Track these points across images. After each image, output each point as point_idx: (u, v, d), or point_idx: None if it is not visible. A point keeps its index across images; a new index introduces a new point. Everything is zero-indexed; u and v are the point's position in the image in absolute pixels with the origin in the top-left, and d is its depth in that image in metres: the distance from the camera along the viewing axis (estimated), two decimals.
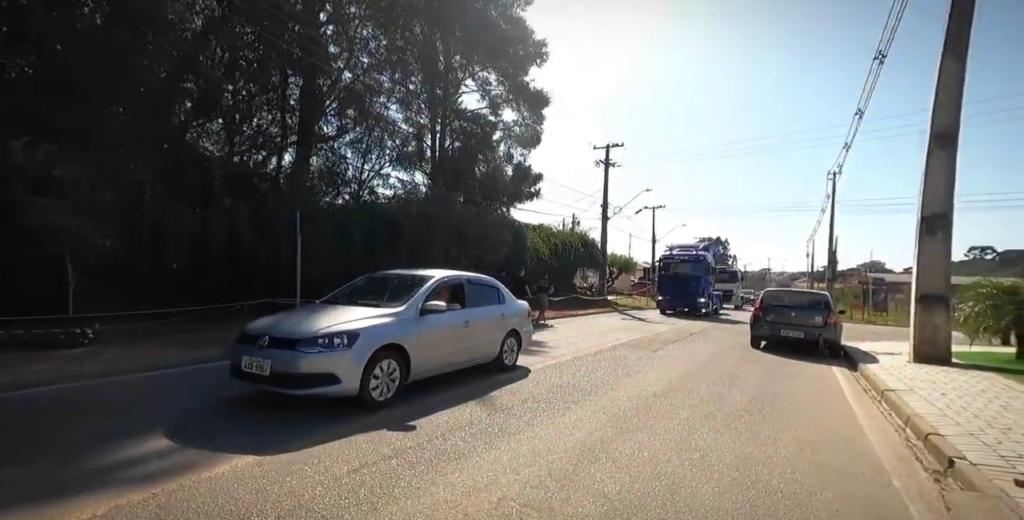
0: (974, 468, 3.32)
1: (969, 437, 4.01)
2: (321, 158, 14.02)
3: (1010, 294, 8.63)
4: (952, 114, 7.78)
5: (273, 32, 10.32)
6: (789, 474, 3.20)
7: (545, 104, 19.33)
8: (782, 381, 6.63)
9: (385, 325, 4.40)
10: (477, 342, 5.61)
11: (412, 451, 3.27)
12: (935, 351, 8.30)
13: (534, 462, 3.12)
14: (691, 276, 19.62)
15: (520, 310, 6.75)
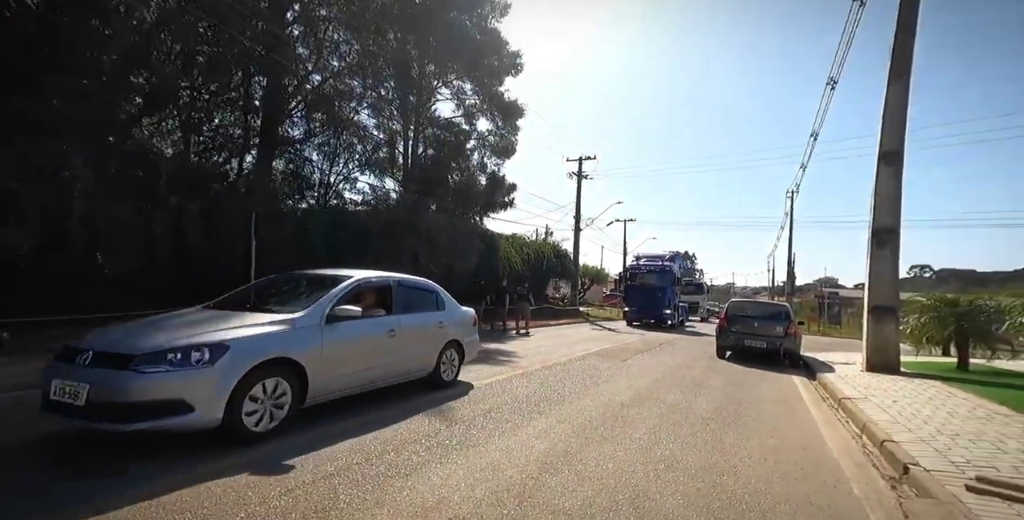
0: (928, 474, 3.38)
1: (921, 444, 4.13)
2: (285, 160, 13.51)
3: (951, 306, 9.17)
4: (897, 133, 8.29)
5: (234, 28, 9.91)
6: (753, 484, 3.15)
7: (519, 115, 19.44)
8: (746, 389, 6.73)
9: (270, 335, 3.48)
10: (407, 355, 4.82)
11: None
12: (886, 360, 8.68)
13: (492, 477, 2.93)
14: (657, 287, 19.33)
15: (464, 318, 5.95)
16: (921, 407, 5.65)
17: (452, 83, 18.46)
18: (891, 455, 3.88)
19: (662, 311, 18.95)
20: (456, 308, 5.87)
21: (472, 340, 6.08)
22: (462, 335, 5.77)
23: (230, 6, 9.46)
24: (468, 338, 5.95)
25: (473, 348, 6.14)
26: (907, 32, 8.10)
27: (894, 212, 8.53)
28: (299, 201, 13.32)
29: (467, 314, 6.10)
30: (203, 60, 10.65)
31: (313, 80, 13.47)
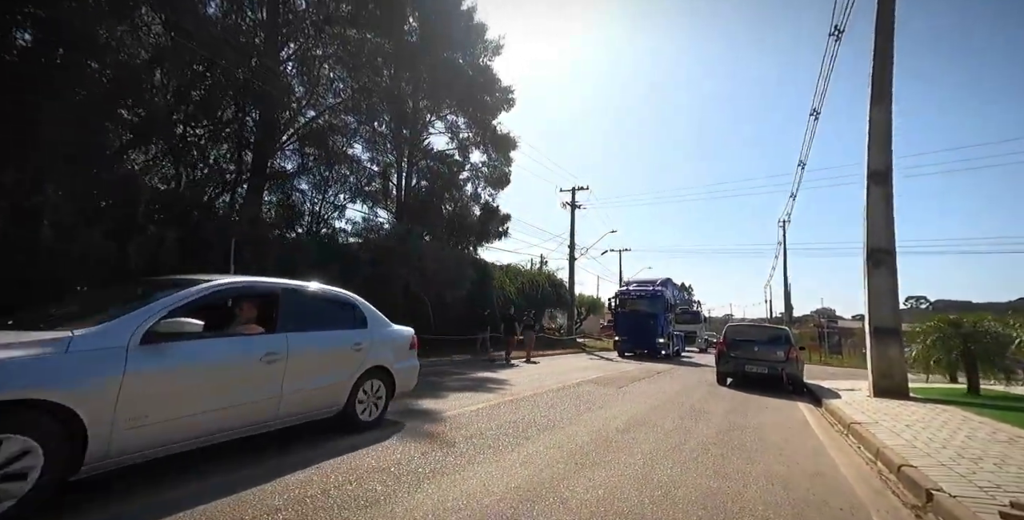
0: (954, 501, 3.06)
1: (942, 468, 3.80)
2: (275, 192, 13.57)
3: (955, 327, 8.93)
4: (883, 155, 8.41)
5: (229, 65, 10.24)
6: (761, 512, 2.80)
7: (513, 147, 19.88)
8: (749, 415, 6.34)
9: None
10: (298, 387, 3.53)
11: None
12: (893, 385, 8.33)
13: (465, 507, 2.57)
14: (649, 314, 18.09)
15: (394, 338, 4.72)
16: (936, 431, 5.30)
17: (446, 117, 19.01)
18: (910, 481, 3.55)
19: (655, 340, 17.71)
20: (383, 326, 4.66)
21: (407, 367, 4.83)
22: (391, 360, 4.54)
23: (226, 43, 9.82)
24: (401, 364, 4.70)
25: (408, 377, 4.85)
26: (884, 58, 8.43)
27: (887, 231, 8.49)
28: (287, 230, 13.23)
29: (399, 334, 4.86)
30: (196, 95, 10.91)
31: (307, 115, 13.81)
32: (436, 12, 16.34)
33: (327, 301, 4.29)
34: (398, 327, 4.97)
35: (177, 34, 9.40)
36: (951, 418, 6.20)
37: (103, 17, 8.27)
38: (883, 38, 8.37)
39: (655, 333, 17.75)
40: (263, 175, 12.47)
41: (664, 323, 18.22)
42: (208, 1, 11.35)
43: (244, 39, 11.46)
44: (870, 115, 8.46)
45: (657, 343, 17.71)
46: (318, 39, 13.25)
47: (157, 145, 10.52)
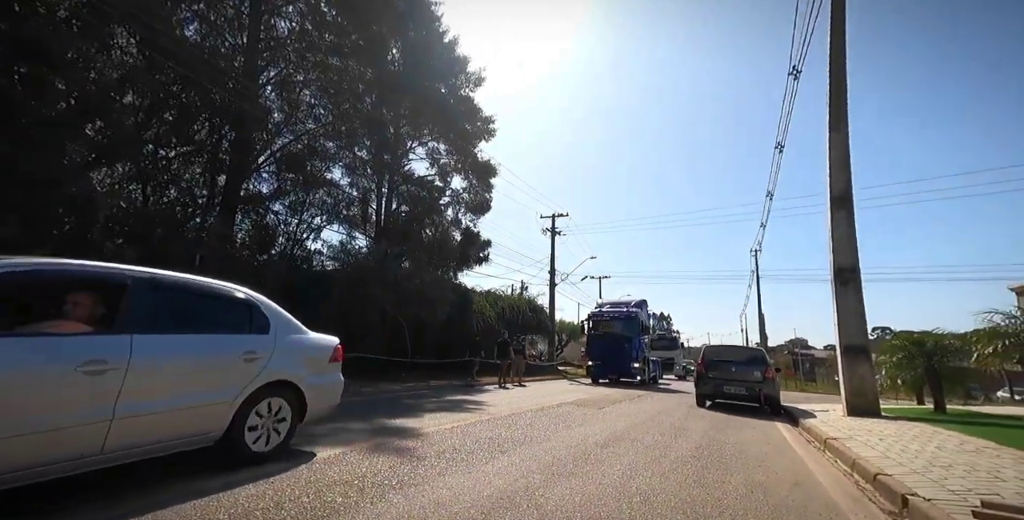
0: (929, 504, 3.08)
1: (915, 475, 3.84)
2: (249, 213, 13.33)
3: (919, 345, 9.26)
4: (844, 178, 8.95)
5: (204, 87, 10.25)
6: (741, 516, 2.73)
7: (493, 174, 20.26)
8: (728, 432, 6.30)
9: None
10: (142, 408, 2.65)
11: None
12: (865, 404, 8.49)
13: (432, 515, 2.42)
14: (622, 336, 16.97)
15: (307, 348, 3.85)
16: (908, 443, 5.40)
17: (427, 144, 19.34)
18: (886, 488, 3.57)
19: (629, 364, 16.46)
20: (292, 332, 3.77)
21: (325, 384, 3.91)
22: (302, 374, 3.65)
23: (203, 65, 9.88)
24: (316, 379, 3.78)
25: (325, 396, 3.92)
26: (839, 90, 9.14)
27: (851, 251, 8.89)
28: (260, 252, 12.91)
29: (315, 343, 3.97)
30: (169, 115, 10.85)
31: (285, 138, 13.83)
32: (419, 43, 16.97)
33: (208, 298, 3.35)
34: (316, 335, 4.06)
35: (152, 54, 9.42)
36: (921, 432, 6.32)
37: (73, 37, 8.25)
38: (837, 71, 9.11)
39: (629, 357, 16.56)
40: (237, 197, 12.28)
41: (639, 346, 17.08)
42: (186, 24, 11.49)
43: (223, 62, 11.57)
44: (829, 143, 9.07)
45: (632, 368, 16.49)
46: (300, 65, 13.49)
47: (124, 166, 10.28)
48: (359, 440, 4.32)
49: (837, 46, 9.16)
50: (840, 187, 8.94)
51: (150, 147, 10.87)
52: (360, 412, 6.31)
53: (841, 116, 8.99)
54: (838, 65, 9.13)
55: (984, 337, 7.30)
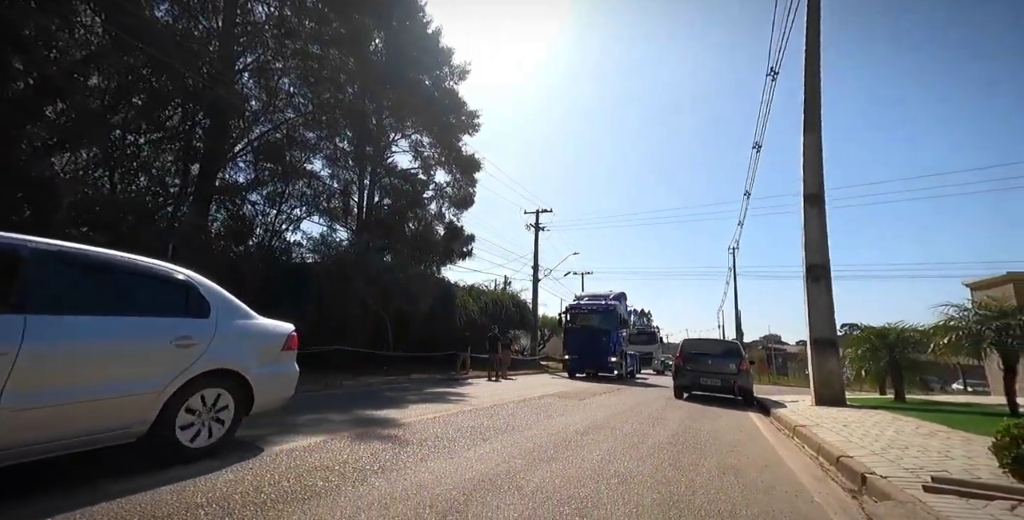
0: (885, 480, 3.27)
1: (875, 456, 4.06)
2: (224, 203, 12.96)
3: (881, 338, 9.72)
4: (816, 178, 9.26)
5: (176, 71, 9.86)
6: (713, 494, 2.86)
7: (477, 168, 20.16)
8: (704, 421, 6.51)
9: None
10: (40, 399, 2.37)
11: None
12: (832, 394, 8.86)
13: (415, 496, 2.46)
14: (600, 329, 16.57)
15: (255, 334, 3.54)
16: (870, 429, 5.70)
17: (411, 136, 19.07)
18: (848, 469, 3.77)
19: (606, 358, 16.09)
20: (237, 317, 3.47)
21: (275, 374, 3.60)
22: (248, 363, 3.37)
23: (175, 48, 9.50)
24: (264, 369, 3.49)
25: (276, 387, 3.62)
26: (814, 92, 9.44)
27: (822, 249, 9.24)
28: (236, 243, 12.58)
29: (264, 330, 3.65)
30: (138, 100, 10.42)
31: (263, 127, 13.45)
32: (402, 33, 16.69)
33: (133, 276, 3.00)
34: (267, 322, 3.73)
35: (119, 34, 9.00)
36: (882, 419, 6.67)
37: (30, 12, 7.83)
38: (812, 75, 9.42)
39: (607, 351, 16.18)
40: (212, 186, 11.91)
41: (617, 340, 16.78)
42: (157, 4, 11.02)
43: (196, 46, 11.16)
44: (803, 142, 9.37)
45: (609, 362, 16.13)
46: (278, 52, 13.10)
47: (89, 151, 9.84)
48: (340, 430, 4.31)
49: (812, 50, 9.46)
50: (813, 186, 9.27)
51: (118, 132, 10.44)
52: (341, 404, 6.28)
53: (815, 117, 9.30)
54: (813, 68, 9.43)
55: (941, 330, 7.73)
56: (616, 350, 16.36)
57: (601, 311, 17.26)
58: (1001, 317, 6.97)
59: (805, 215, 9.39)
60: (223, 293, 3.51)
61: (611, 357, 16.09)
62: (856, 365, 9.98)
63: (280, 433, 3.97)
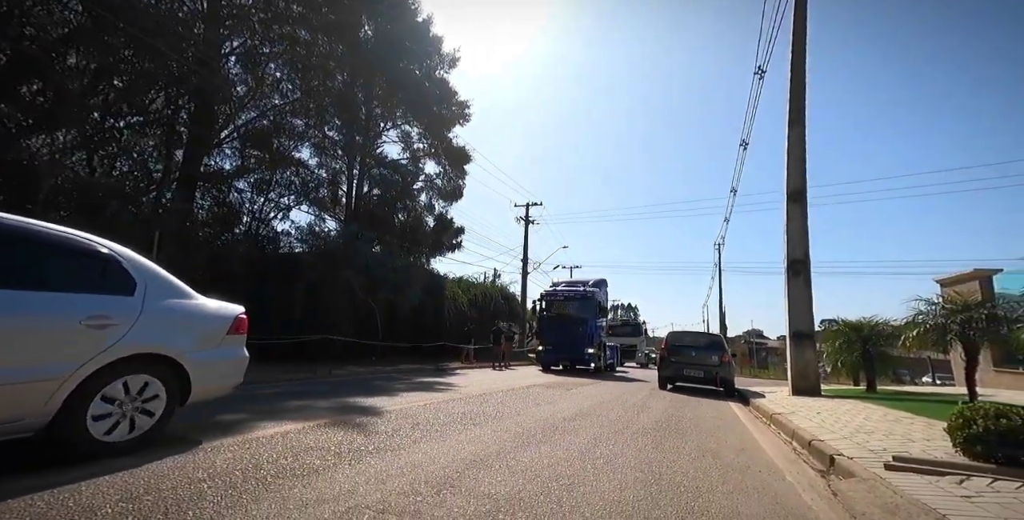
0: (851, 461, 3.49)
1: (843, 440, 4.30)
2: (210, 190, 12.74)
3: (856, 331, 10.13)
4: (800, 175, 9.51)
5: (159, 52, 9.58)
6: (692, 473, 3.04)
7: (467, 160, 20.08)
8: (686, 410, 6.75)
9: None
10: None
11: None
12: (808, 385, 9.22)
13: (409, 473, 2.57)
14: (577, 319, 15.31)
15: (193, 315, 3.19)
16: (841, 416, 6.01)
17: (400, 126, 18.90)
18: (818, 451, 3.99)
19: (583, 350, 14.83)
20: (172, 295, 3.11)
21: (220, 359, 3.30)
22: (184, 347, 3.03)
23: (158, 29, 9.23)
24: (205, 354, 3.17)
25: (220, 373, 3.33)
26: (798, 90, 9.65)
27: (803, 244, 9.52)
28: (222, 230, 12.41)
29: (205, 311, 3.29)
30: (120, 82, 10.13)
31: (249, 113, 13.21)
32: (392, 21, 16.42)
33: (36, 245, 2.62)
34: (210, 302, 3.37)
35: (100, 13, 8.71)
36: (853, 407, 7.01)
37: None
38: (797, 74, 9.62)
39: (584, 342, 14.92)
40: (197, 172, 11.69)
41: (595, 330, 15.52)
42: None
43: (181, 28, 10.87)
44: (787, 139, 9.60)
45: (586, 354, 14.86)
46: (265, 37, 12.83)
47: (66, 134, 9.57)
48: (332, 415, 4.39)
49: (799, 48, 9.64)
50: (796, 183, 9.52)
51: (97, 115, 10.16)
52: (331, 392, 6.35)
53: (800, 115, 9.53)
54: (799, 66, 9.62)
55: (911, 325, 8.11)
56: (594, 341, 15.22)
57: (578, 298, 15.97)
58: (965, 310, 7.34)
59: (788, 211, 9.66)
60: (155, 269, 3.12)
61: (588, 348, 14.89)
62: (833, 358, 10.40)
63: (272, 418, 4.04)
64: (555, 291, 17.08)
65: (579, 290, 16.65)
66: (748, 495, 2.65)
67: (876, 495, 2.66)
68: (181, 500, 2.00)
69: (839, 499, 2.75)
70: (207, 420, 3.77)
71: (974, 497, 2.52)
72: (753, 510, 2.39)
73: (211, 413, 4.04)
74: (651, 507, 2.29)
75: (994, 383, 11.89)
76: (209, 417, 3.90)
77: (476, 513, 2.02)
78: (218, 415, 4.05)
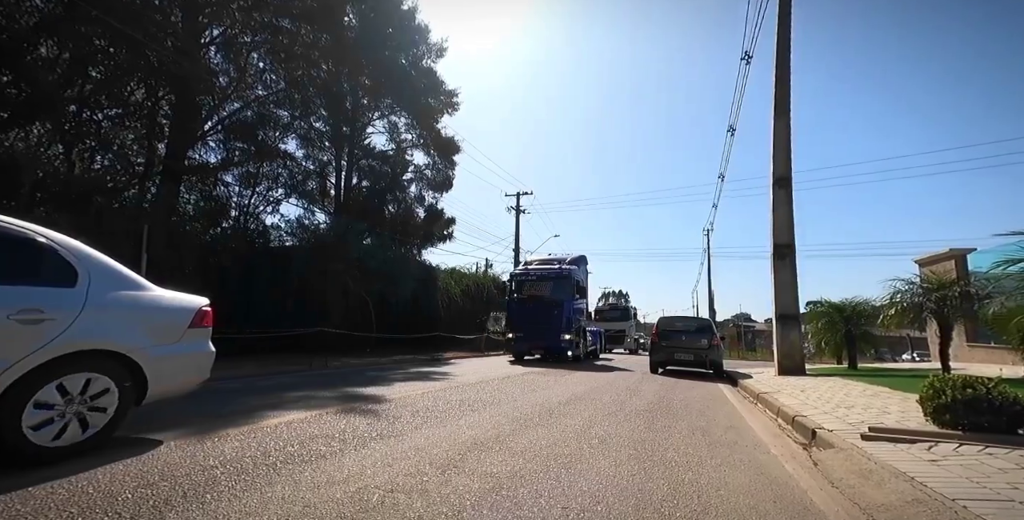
0: (831, 433, 3.70)
1: (825, 415, 4.53)
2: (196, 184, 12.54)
3: (839, 311, 10.47)
4: (785, 162, 9.68)
5: (137, 41, 9.32)
6: (683, 449, 3.21)
7: (456, 151, 19.96)
8: (676, 392, 6.99)
9: None
10: None
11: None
12: (793, 364, 9.54)
13: (413, 456, 2.69)
14: (552, 301, 13.29)
15: (147, 307, 2.97)
16: (823, 393, 6.27)
17: (388, 117, 18.67)
18: (801, 426, 4.20)
19: (558, 336, 12.88)
20: (122, 286, 2.89)
21: (181, 354, 3.07)
22: (138, 343, 2.80)
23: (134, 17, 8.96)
24: (163, 349, 2.94)
25: (181, 370, 3.11)
26: (784, 79, 9.76)
27: (789, 229, 9.74)
28: (210, 225, 12.26)
29: (163, 304, 3.08)
30: (96, 73, 9.86)
31: (233, 105, 12.93)
32: (376, 9, 16.09)
33: None
34: (168, 293, 3.14)
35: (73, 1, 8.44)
36: (835, 385, 7.31)
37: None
38: (782, 63, 9.71)
39: (558, 327, 12.97)
40: (181, 165, 11.48)
41: (572, 313, 13.46)
42: None
43: (158, 16, 10.55)
44: (773, 128, 9.74)
45: (561, 341, 12.91)
46: (246, 25, 12.51)
47: (43, 126, 9.31)
48: (332, 404, 4.48)
49: (783, 37, 9.72)
50: (782, 171, 9.70)
51: (73, 107, 9.88)
52: (330, 383, 6.44)
53: (785, 104, 9.65)
54: (783, 55, 9.71)
55: (888, 304, 8.41)
56: (571, 326, 13.25)
57: (553, 277, 13.80)
58: (940, 289, 7.64)
59: (774, 197, 9.85)
60: (101, 258, 2.86)
61: (565, 334, 12.98)
62: (817, 338, 10.77)
63: (274, 409, 4.12)
64: (526, 270, 14.81)
65: (553, 269, 14.24)
66: (735, 468, 2.82)
67: (852, 463, 2.85)
68: (196, 485, 2.09)
69: (819, 468, 2.94)
70: (207, 411, 3.85)
71: (940, 461, 2.72)
72: (740, 481, 2.55)
73: (210, 405, 4.11)
74: (644, 480, 2.43)
75: (968, 358, 12.41)
76: (209, 409, 3.97)
77: (480, 490, 2.14)
78: (218, 407, 4.13)
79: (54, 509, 1.77)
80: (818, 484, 2.58)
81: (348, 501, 1.95)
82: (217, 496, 1.96)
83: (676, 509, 2.03)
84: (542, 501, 2.05)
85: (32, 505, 1.81)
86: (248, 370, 7.54)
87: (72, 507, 1.81)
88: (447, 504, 1.96)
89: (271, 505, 1.88)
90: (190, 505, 1.85)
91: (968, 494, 2.16)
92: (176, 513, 1.77)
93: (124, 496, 1.92)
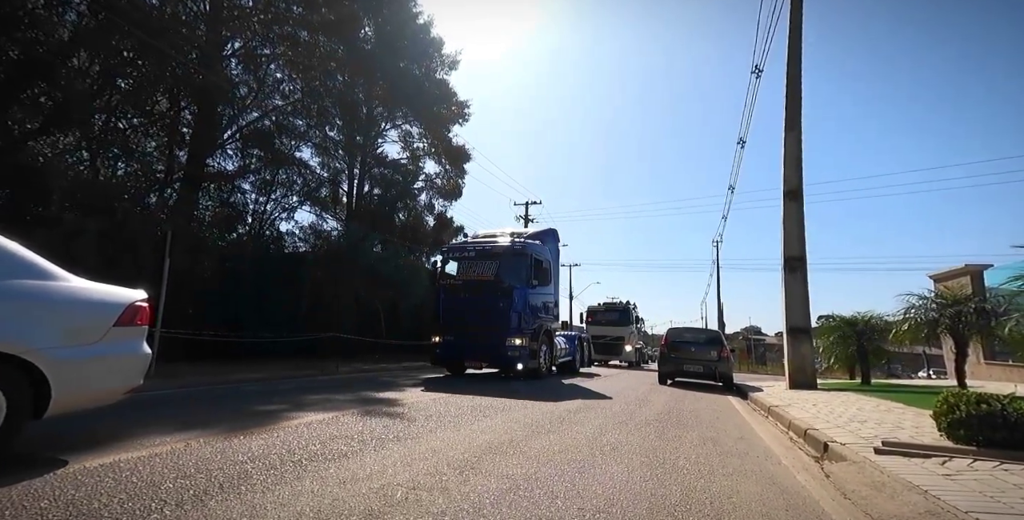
0: (843, 446, 3.69)
1: (837, 429, 4.51)
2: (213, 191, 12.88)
3: (851, 326, 10.39)
4: (796, 174, 9.73)
5: (163, 54, 9.71)
6: (694, 458, 3.24)
7: (466, 159, 20.26)
8: (686, 403, 6.98)
9: None
10: None
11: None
12: (804, 378, 9.45)
13: (431, 457, 2.77)
14: (497, 288, 9.11)
15: (55, 302, 2.48)
16: (836, 407, 6.23)
17: (400, 127, 19.08)
18: (813, 439, 4.20)
19: (503, 342, 8.79)
20: (25, 275, 2.42)
21: (98, 357, 2.55)
22: (38, 343, 2.30)
23: (161, 32, 9.36)
24: (77, 351, 2.46)
25: (101, 375, 2.61)
26: (795, 93, 9.86)
27: (800, 242, 9.73)
28: (227, 231, 12.56)
29: (79, 297, 2.59)
30: (124, 84, 10.27)
31: (251, 114, 13.34)
32: (392, 22, 16.57)
33: None
34: (88, 284, 2.66)
35: (107, 16, 8.84)
36: (848, 399, 7.24)
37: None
38: (793, 77, 9.82)
39: (504, 326, 8.85)
40: (200, 172, 11.83)
41: (526, 307, 9.17)
42: None
43: (184, 30, 11.00)
44: (784, 141, 9.81)
45: (506, 348, 8.78)
46: (266, 38, 12.97)
47: (72, 134, 9.69)
48: (348, 407, 4.58)
49: (794, 52, 9.84)
50: (792, 184, 9.74)
51: (102, 116, 10.28)
52: (343, 387, 6.55)
53: (796, 120, 9.74)
54: (794, 70, 9.83)
55: (902, 320, 8.35)
56: (524, 326, 9.03)
57: (500, 254, 9.46)
58: (955, 304, 7.57)
59: (785, 210, 9.87)
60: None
61: (513, 338, 8.83)
62: (829, 353, 10.67)
63: (294, 410, 4.23)
64: (463, 244, 10.52)
65: (501, 244, 9.76)
66: (746, 477, 2.85)
67: (865, 475, 2.87)
68: (230, 477, 2.20)
69: (831, 480, 2.95)
70: (230, 411, 3.96)
71: (954, 475, 2.73)
72: (751, 489, 2.58)
73: (232, 404, 4.22)
74: (657, 486, 2.48)
75: (984, 375, 12.18)
76: (232, 407, 4.08)
77: (498, 490, 2.21)
78: (239, 407, 4.24)
79: (110, 488, 1.89)
80: (830, 495, 2.60)
81: (374, 496, 2.04)
82: (251, 487, 2.06)
83: (689, 514, 2.08)
84: (558, 502, 2.11)
85: (87, 487, 1.92)
86: (265, 374, 7.70)
87: (121, 493, 1.92)
88: (468, 501, 2.03)
89: (302, 497, 1.98)
90: (227, 495, 1.95)
91: (983, 508, 2.18)
92: (216, 502, 1.87)
93: (165, 486, 2.03)
